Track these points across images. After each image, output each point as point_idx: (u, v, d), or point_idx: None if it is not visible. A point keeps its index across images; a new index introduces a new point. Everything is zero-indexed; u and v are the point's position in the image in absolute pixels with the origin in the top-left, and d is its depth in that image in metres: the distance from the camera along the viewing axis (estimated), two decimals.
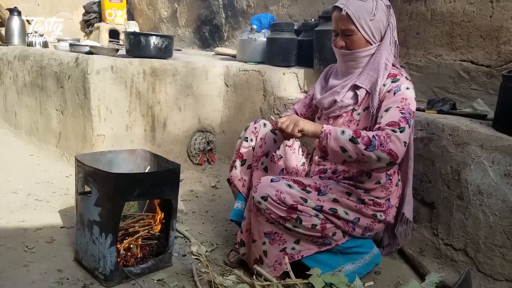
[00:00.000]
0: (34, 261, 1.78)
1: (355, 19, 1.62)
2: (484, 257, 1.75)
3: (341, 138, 1.50)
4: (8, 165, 2.96)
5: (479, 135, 1.78)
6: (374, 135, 1.48)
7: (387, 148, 1.46)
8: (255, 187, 1.63)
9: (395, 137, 1.47)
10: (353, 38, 1.66)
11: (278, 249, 1.64)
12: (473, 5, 2.24)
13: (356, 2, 1.63)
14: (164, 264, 1.79)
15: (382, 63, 1.66)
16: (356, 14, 1.62)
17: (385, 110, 1.57)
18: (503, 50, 2.13)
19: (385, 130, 1.50)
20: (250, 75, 3.02)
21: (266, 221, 1.62)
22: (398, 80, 1.64)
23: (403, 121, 1.52)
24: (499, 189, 1.70)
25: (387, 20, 1.68)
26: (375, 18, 1.64)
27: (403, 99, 1.58)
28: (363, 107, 1.71)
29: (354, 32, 1.65)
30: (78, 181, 1.71)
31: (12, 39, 4.25)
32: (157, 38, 2.98)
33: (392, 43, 1.69)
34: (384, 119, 1.55)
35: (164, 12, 5.38)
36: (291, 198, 1.56)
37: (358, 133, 1.50)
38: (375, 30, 1.66)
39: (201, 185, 2.85)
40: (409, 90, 1.62)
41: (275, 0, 3.69)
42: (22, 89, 3.65)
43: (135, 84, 2.81)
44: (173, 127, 3.04)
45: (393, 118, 1.53)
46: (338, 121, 1.76)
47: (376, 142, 1.46)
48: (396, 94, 1.60)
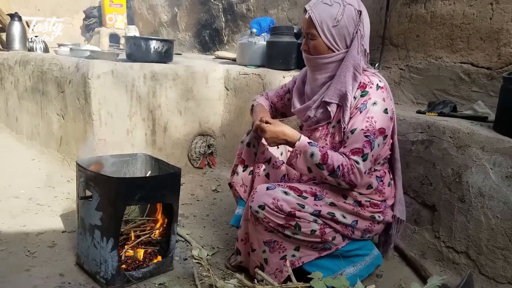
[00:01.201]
0: (36, 265, 1.78)
1: (317, 24, 1.58)
2: (486, 259, 1.75)
3: (309, 160, 1.56)
4: (9, 169, 2.96)
5: (480, 137, 1.77)
6: (339, 165, 1.53)
7: (348, 179, 1.54)
8: (251, 196, 1.63)
9: (357, 170, 1.53)
10: (315, 43, 1.62)
11: (278, 257, 1.64)
12: (473, 7, 2.24)
13: (321, 6, 1.58)
14: (166, 268, 1.79)
15: (349, 75, 1.60)
16: (319, 18, 1.58)
17: (351, 131, 1.58)
18: (504, 52, 2.14)
19: (350, 161, 1.54)
20: (250, 79, 3.02)
21: (265, 230, 1.61)
22: (366, 93, 1.59)
23: (366, 146, 1.55)
24: (501, 191, 1.70)
25: (355, 27, 1.59)
26: (339, 25, 1.58)
27: (368, 119, 1.56)
28: (336, 120, 1.68)
29: (316, 37, 1.61)
30: (79, 185, 1.72)
31: (13, 44, 4.26)
32: (157, 43, 2.99)
33: (360, 52, 1.61)
34: (349, 143, 1.57)
35: (164, 16, 5.40)
36: (288, 205, 1.56)
37: (325, 159, 1.54)
38: (338, 37, 1.60)
39: (202, 189, 2.85)
40: (376, 105, 1.57)
41: (275, 4, 3.70)
42: (23, 94, 3.66)
43: (136, 88, 2.82)
44: (173, 131, 3.04)
45: (357, 143, 1.55)
46: (316, 134, 1.75)
47: (339, 173, 1.53)
48: (362, 112, 1.57)
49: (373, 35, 2.79)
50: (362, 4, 1.63)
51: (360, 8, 1.60)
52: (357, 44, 1.60)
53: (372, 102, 1.58)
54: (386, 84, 1.66)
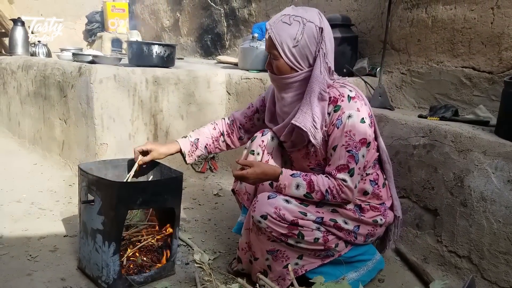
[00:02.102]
0: (37, 269, 1.78)
1: (277, 44, 1.54)
2: (488, 264, 1.74)
3: (295, 192, 1.57)
4: (11, 174, 2.96)
5: (482, 141, 1.77)
6: (326, 189, 1.55)
7: (339, 199, 1.57)
8: (253, 206, 1.61)
9: (346, 188, 1.55)
10: (277, 63, 1.58)
11: (281, 266, 1.63)
12: (474, 11, 2.25)
13: (280, 25, 1.54)
14: (167, 273, 1.79)
15: (314, 97, 1.55)
16: (279, 38, 1.53)
17: (333, 148, 1.58)
18: (505, 57, 2.14)
19: (337, 180, 1.55)
20: (252, 83, 3.03)
21: (268, 239, 1.60)
22: (339, 108, 1.56)
23: (351, 161, 1.55)
24: (503, 196, 1.69)
25: (316, 45, 1.54)
26: (300, 45, 1.53)
27: (347, 133, 1.54)
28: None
29: (277, 57, 1.57)
30: (81, 189, 1.72)
31: (16, 49, 4.27)
32: (160, 47, 3.00)
33: (323, 71, 1.55)
34: (333, 161, 1.58)
35: (166, 21, 5.42)
36: (290, 213, 1.55)
37: (312, 186, 1.55)
38: (300, 56, 1.55)
39: (203, 193, 2.85)
40: (351, 117, 1.54)
41: (277, 9, 3.71)
42: (26, 98, 3.67)
43: (138, 93, 2.83)
44: (175, 135, 3.05)
45: (341, 160, 1.55)
46: (297, 154, 1.74)
47: (329, 196, 1.55)
48: (339, 128, 1.56)
49: (374, 39, 2.81)
50: (325, 19, 1.58)
51: (322, 25, 1.54)
52: (319, 63, 1.54)
53: (347, 116, 1.55)
54: (358, 91, 1.62)
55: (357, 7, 2.91)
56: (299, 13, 1.55)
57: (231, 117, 1.98)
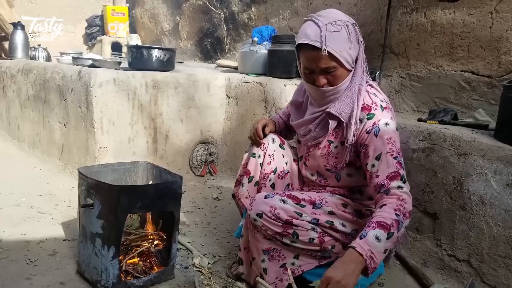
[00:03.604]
0: (36, 274, 1.77)
1: (338, 55, 1.49)
2: (488, 268, 1.74)
3: (380, 246, 1.34)
4: (11, 177, 2.96)
5: (481, 145, 1.78)
6: (395, 214, 1.38)
7: (407, 213, 1.42)
8: (250, 205, 1.63)
9: (407, 196, 1.44)
10: (336, 73, 1.54)
11: (278, 265, 1.63)
12: (472, 16, 2.25)
13: (331, 36, 1.48)
14: (167, 277, 1.79)
15: (356, 88, 1.56)
16: (337, 49, 1.49)
17: (376, 158, 1.50)
18: (504, 61, 2.14)
19: (396, 195, 1.43)
20: (251, 87, 3.04)
21: (264, 238, 1.61)
22: (373, 116, 1.54)
23: (399, 167, 1.48)
24: (502, 200, 1.69)
25: (357, 40, 1.56)
26: (353, 45, 1.53)
27: (388, 140, 1.51)
28: (339, 140, 1.64)
29: (337, 68, 1.53)
30: (81, 193, 1.72)
31: (16, 53, 4.29)
32: (159, 51, 3.00)
33: (363, 65, 1.59)
34: (381, 171, 1.48)
35: (166, 25, 5.43)
36: (286, 213, 1.55)
37: (387, 226, 1.36)
38: (354, 55, 1.56)
39: (203, 197, 2.85)
40: (388, 125, 1.53)
41: (276, 13, 3.73)
42: (25, 102, 3.68)
43: (138, 97, 2.83)
44: (175, 139, 3.05)
45: (390, 168, 1.47)
46: (316, 152, 1.71)
47: (401, 217, 1.39)
48: (378, 135, 1.51)
49: (373, 43, 2.82)
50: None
51: (352, 19, 1.57)
52: (361, 55, 1.58)
53: (384, 123, 1.53)
54: (388, 102, 1.62)
55: (356, 12, 2.92)
56: (332, 17, 1.52)
57: (277, 115, 2.03)
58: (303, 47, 1.54)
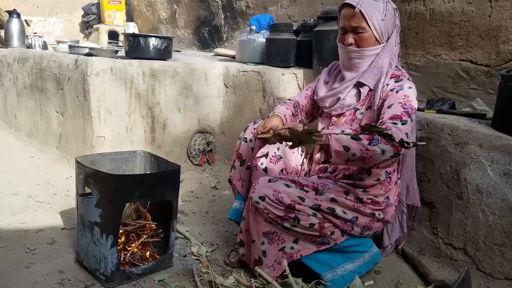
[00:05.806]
0: (35, 262, 1.78)
1: (368, 17, 1.66)
2: (483, 256, 1.76)
3: (343, 137, 1.51)
4: (8, 167, 2.96)
5: (478, 134, 1.78)
6: None
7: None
8: (253, 188, 1.65)
9: (396, 129, 1.52)
10: (364, 35, 1.70)
11: (277, 249, 1.65)
12: (471, 4, 2.24)
13: (368, 1, 1.67)
14: (165, 265, 1.80)
15: (387, 62, 1.71)
16: (369, 12, 1.66)
17: (388, 107, 1.63)
18: (502, 50, 2.14)
19: (385, 124, 1.55)
20: (249, 76, 3.03)
21: (265, 220, 1.62)
22: (401, 80, 1.69)
23: (405, 115, 1.58)
24: (498, 188, 1.70)
25: (394, 22, 1.73)
26: (386, 19, 1.69)
27: (405, 96, 1.63)
28: (366, 106, 1.75)
29: (366, 29, 1.69)
30: (79, 182, 1.72)
31: (12, 41, 4.25)
32: (157, 40, 2.98)
33: (397, 44, 1.76)
34: (386, 114, 1.60)
35: (163, 13, 5.39)
36: (289, 197, 1.57)
37: (357, 131, 1.56)
38: (385, 30, 1.71)
39: (201, 186, 2.85)
40: (412, 89, 1.67)
41: (274, 1, 3.70)
42: (22, 91, 3.66)
43: (135, 86, 2.82)
44: (173, 128, 3.05)
45: (395, 112, 1.58)
46: (341, 119, 1.79)
47: (377, 137, 1.49)
48: (399, 92, 1.65)
49: None
50: None
51: (395, 5, 1.75)
52: (395, 36, 1.74)
53: (408, 86, 1.67)
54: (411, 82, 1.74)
55: None
56: None
57: (292, 100, 2.02)
58: (343, 8, 1.72)
